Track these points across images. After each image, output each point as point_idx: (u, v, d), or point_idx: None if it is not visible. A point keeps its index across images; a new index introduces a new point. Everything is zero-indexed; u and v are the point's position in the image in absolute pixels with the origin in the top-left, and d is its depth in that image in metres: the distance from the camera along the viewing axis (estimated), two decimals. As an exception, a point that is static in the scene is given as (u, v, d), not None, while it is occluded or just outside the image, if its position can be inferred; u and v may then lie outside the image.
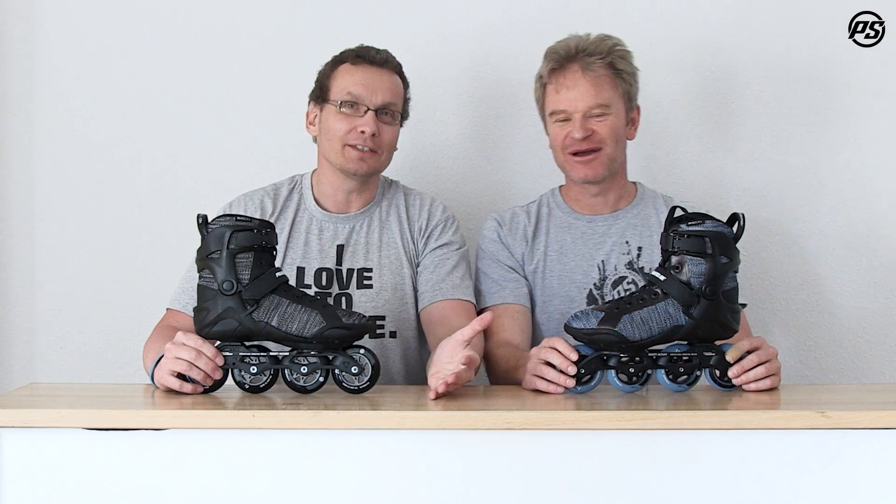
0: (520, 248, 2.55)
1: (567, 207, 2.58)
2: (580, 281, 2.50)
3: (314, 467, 1.91)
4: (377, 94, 2.45)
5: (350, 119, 2.45)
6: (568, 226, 2.56)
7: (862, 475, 1.89)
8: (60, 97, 2.89)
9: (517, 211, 2.60)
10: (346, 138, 2.45)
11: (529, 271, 2.54)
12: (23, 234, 2.90)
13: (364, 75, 2.46)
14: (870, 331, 2.88)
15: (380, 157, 2.47)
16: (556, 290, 2.50)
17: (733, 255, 2.11)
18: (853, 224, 2.87)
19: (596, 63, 2.44)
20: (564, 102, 2.46)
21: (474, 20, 2.88)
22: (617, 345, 2.07)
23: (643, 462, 1.90)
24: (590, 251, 2.52)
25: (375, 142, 2.45)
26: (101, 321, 2.89)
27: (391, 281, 2.49)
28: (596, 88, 2.45)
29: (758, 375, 2.11)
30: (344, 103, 2.45)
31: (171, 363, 2.09)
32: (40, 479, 1.90)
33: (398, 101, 2.49)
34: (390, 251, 2.51)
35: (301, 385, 2.10)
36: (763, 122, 2.87)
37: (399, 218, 2.54)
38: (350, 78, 2.46)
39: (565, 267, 2.52)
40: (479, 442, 1.90)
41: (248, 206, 2.50)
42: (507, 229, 2.56)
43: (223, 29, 2.88)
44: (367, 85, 2.45)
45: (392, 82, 2.48)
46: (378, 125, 2.45)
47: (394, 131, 2.49)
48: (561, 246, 2.54)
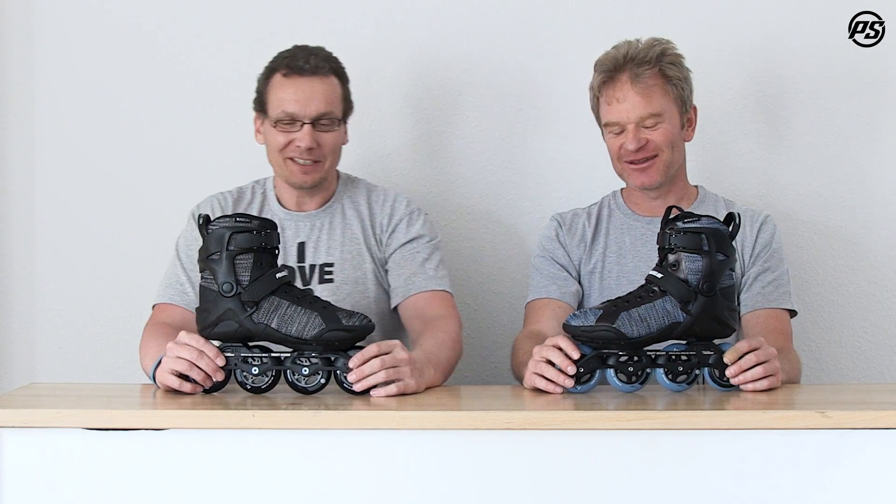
0: (578, 249, 2.56)
1: (627, 209, 2.60)
2: (638, 281, 2.49)
3: (314, 467, 1.91)
4: (310, 106, 2.44)
5: (288, 134, 2.45)
6: (628, 227, 2.57)
7: (862, 475, 1.89)
8: (61, 98, 2.89)
9: (578, 212, 2.62)
10: (286, 152, 2.46)
11: (587, 272, 2.55)
12: (23, 234, 2.90)
13: (296, 90, 2.44)
14: (870, 331, 2.88)
15: (323, 165, 2.48)
16: (615, 290, 2.51)
17: (729, 252, 2.11)
18: (851, 224, 2.87)
19: (646, 72, 2.44)
20: (616, 114, 2.46)
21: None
22: (615, 342, 2.08)
23: (643, 462, 1.90)
24: (648, 252, 2.53)
25: (315, 153, 2.46)
26: (101, 321, 2.89)
27: (352, 275, 2.51)
28: (646, 98, 2.44)
29: (755, 375, 2.11)
30: (279, 122, 2.45)
31: (171, 362, 2.09)
32: (40, 479, 1.90)
33: (334, 108, 2.48)
34: (352, 247, 2.52)
35: (302, 386, 2.10)
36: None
37: (360, 214, 2.55)
38: (282, 94, 2.45)
39: (624, 268, 2.54)
40: (479, 442, 1.90)
41: (215, 207, 2.53)
42: (567, 230, 2.58)
43: (225, 28, 2.88)
44: (299, 100, 2.44)
45: (325, 90, 2.46)
46: (316, 136, 2.45)
47: (334, 136, 2.48)
48: (620, 247, 2.56)
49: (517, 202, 2.90)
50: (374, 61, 2.85)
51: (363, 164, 2.85)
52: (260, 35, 2.85)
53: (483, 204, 2.90)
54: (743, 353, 2.11)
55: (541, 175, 2.89)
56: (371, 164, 2.87)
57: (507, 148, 2.89)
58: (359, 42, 2.83)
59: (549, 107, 2.88)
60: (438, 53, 2.88)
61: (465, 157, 2.90)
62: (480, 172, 2.90)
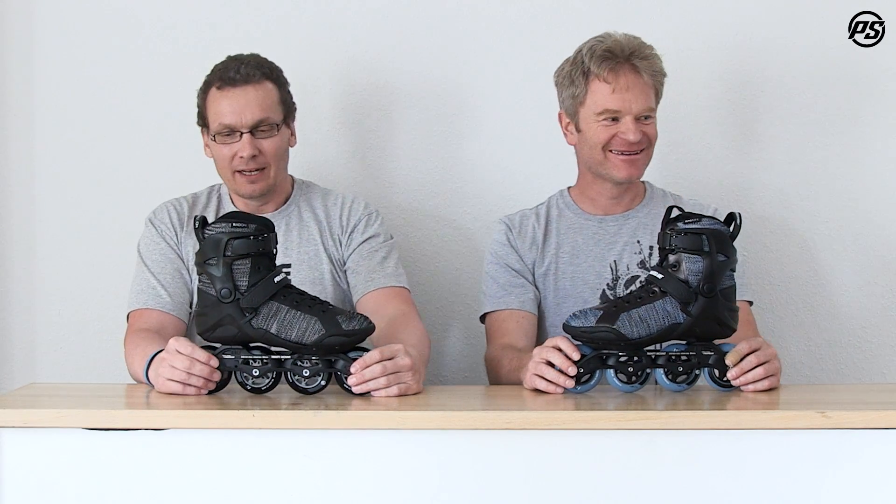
0: (530, 252, 2.55)
1: (577, 208, 2.58)
2: (593, 281, 2.51)
3: (314, 467, 1.91)
4: (246, 115, 2.44)
5: (230, 146, 2.46)
6: (579, 227, 2.56)
7: (862, 475, 1.89)
8: (61, 98, 2.89)
9: (526, 213, 2.60)
10: (233, 165, 2.47)
11: (540, 274, 2.54)
12: (23, 234, 2.90)
13: (230, 101, 2.45)
14: (870, 331, 2.88)
15: (269, 172, 2.49)
16: (570, 290, 2.50)
17: (730, 253, 2.11)
18: (852, 224, 2.87)
19: (647, 66, 2.44)
20: (619, 102, 2.44)
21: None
22: (615, 343, 2.08)
23: (643, 462, 1.90)
24: (602, 251, 2.53)
25: (259, 161, 2.46)
26: (101, 321, 2.89)
27: (309, 276, 2.51)
28: (646, 93, 2.45)
29: (756, 377, 2.11)
30: (219, 135, 2.46)
31: (168, 372, 2.09)
32: (40, 479, 1.90)
33: (272, 113, 2.48)
34: (309, 247, 2.53)
35: (303, 387, 2.10)
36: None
37: (317, 218, 2.56)
38: (218, 106, 2.46)
39: (578, 268, 2.53)
40: (478, 442, 1.90)
41: (171, 213, 2.54)
42: (517, 233, 2.56)
43: (225, 28, 2.88)
44: (234, 111, 2.44)
45: (259, 97, 2.46)
46: (257, 144, 2.45)
47: (276, 142, 2.48)
48: (573, 247, 2.54)
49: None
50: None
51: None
52: (262, 34, 2.85)
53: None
54: (744, 355, 2.11)
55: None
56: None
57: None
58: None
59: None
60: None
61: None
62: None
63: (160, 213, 2.55)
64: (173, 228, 2.53)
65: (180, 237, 2.52)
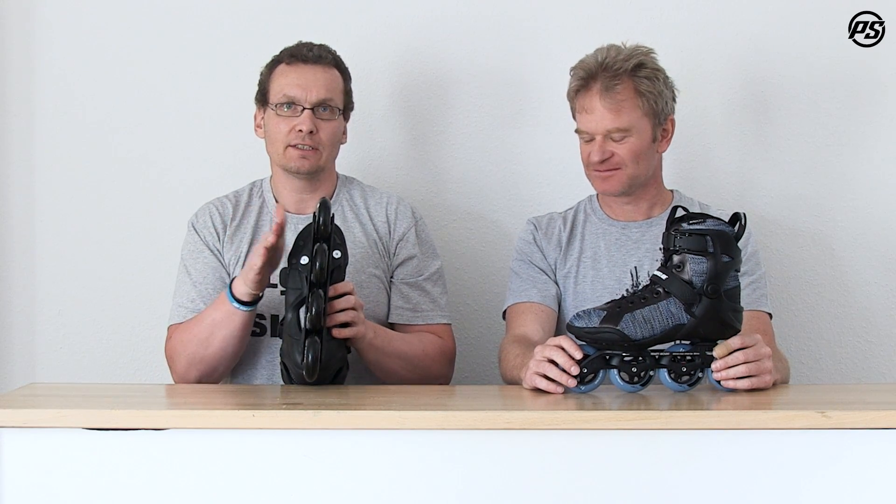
0: (553, 252, 2.57)
1: (603, 214, 2.60)
2: (613, 287, 2.51)
3: (314, 467, 1.91)
4: (312, 91, 2.47)
5: (289, 120, 2.47)
6: (603, 232, 2.57)
7: (862, 475, 1.89)
8: (61, 98, 2.89)
9: (554, 216, 2.62)
10: (287, 139, 2.47)
11: (562, 276, 2.55)
12: (23, 234, 2.90)
13: (298, 75, 2.48)
14: (870, 331, 2.88)
15: (321, 154, 2.49)
16: (589, 295, 2.51)
17: (735, 253, 2.11)
18: (852, 224, 2.87)
19: (617, 86, 2.43)
20: (585, 124, 2.47)
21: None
22: (619, 343, 2.08)
23: (643, 462, 1.90)
24: (623, 257, 2.53)
25: (314, 139, 2.47)
26: (101, 321, 2.89)
27: (353, 278, 2.45)
28: (614, 113, 2.43)
29: (737, 374, 2.10)
30: (280, 105, 2.47)
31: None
32: (40, 479, 1.90)
33: (335, 96, 2.50)
34: (354, 249, 2.51)
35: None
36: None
37: (359, 217, 2.56)
38: (285, 79, 2.48)
39: (599, 273, 2.54)
40: (479, 442, 1.90)
41: (213, 214, 2.53)
42: (543, 233, 2.58)
43: (226, 30, 2.88)
44: (301, 84, 2.47)
45: (327, 78, 2.50)
46: (316, 122, 2.46)
47: (333, 126, 2.50)
48: (595, 252, 2.56)
49: (511, 204, 2.89)
50: (363, 61, 2.83)
51: (354, 164, 2.84)
52: (259, 37, 2.84)
53: (476, 205, 2.90)
54: (733, 350, 2.11)
55: (535, 175, 2.89)
56: (362, 163, 2.86)
57: (504, 147, 2.89)
58: (351, 42, 2.82)
59: (543, 105, 2.87)
60: (428, 52, 2.88)
61: (458, 158, 2.90)
62: (473, 173, 2.89)
63: (202, 216, 2.54)
64: (216, 233, 2.52)
65: (223, 240, 2.52)
